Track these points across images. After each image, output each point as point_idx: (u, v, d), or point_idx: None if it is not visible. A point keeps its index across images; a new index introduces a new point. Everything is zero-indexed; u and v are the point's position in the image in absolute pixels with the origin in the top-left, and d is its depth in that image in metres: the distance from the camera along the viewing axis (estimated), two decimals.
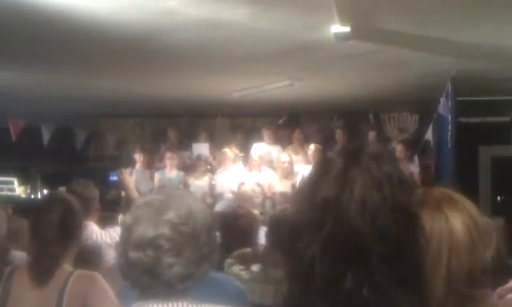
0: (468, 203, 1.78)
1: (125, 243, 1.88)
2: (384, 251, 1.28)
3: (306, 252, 1.31)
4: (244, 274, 3.63)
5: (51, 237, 2.92)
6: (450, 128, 8.84)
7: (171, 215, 1.86)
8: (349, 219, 1.29)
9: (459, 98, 8.97)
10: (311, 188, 1.38)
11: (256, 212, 7.76)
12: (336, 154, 1.41)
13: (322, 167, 1.40)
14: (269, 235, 3.75)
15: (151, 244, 1.83)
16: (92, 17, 6.51)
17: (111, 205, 9.01)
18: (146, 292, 1.87)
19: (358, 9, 6.34)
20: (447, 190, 1.84)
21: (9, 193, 12.08)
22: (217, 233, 1.99)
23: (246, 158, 11.39)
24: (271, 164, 11.20)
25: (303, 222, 1.35)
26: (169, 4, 6.15)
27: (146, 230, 1.84)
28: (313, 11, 6.32)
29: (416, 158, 10.15)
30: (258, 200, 10.40)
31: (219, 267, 2.43)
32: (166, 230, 1.83)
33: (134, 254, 1.84)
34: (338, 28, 6.67)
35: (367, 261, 1.28)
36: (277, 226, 3.68)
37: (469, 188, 2.04)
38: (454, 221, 1.72)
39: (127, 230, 1.89)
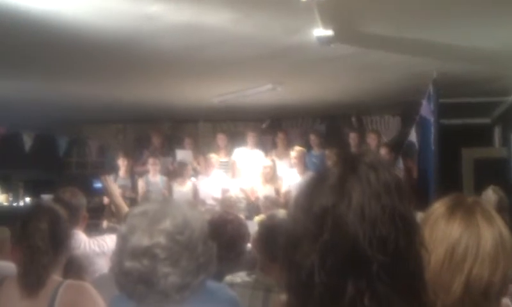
0: (500, 219, 1.85)
1: (121, 252, 1.86)
2: (384, 260, 1.27)
3: (305, 262, 1.30)
4: (235, 279, 3.62)
5: (41, 247, 2.89)
6: (432, 130, 8.89)
7: (166, 224, 1.84)
8: (347, 227, 1.28)
9: (441, 100, 9.03)
10: (308, 198, 1.36)
11: (241, 217, 7.75)
12: (334, 163, 1.40)
13: (319, 176, 1.39)
14: (259, 241, 3.72)
15: (146, 253, 1.81)
16: (73, 23, 6.47)
17: (94, 212, 8.96)
18: (142, 302, 1.84)
19: (340, 12, 6.36)
20: (481, 201, 1.91)
21: None
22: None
23: (228, 163, 11.37)
24: (253, 168, 11.19)
25: (300, 232, 1.33)
26: (151, 9, 6.13)
27: (141, 239, 1.82)
28: (296, 15, 6.32)
29: (400, 160, 10.19)
30: (242, 205, 10.41)
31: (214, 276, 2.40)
32: (161, 239, 1.82)
33: (129, 264, 1.82)
34: (321, 31, 6.68)
35: (367, 270, 1.27)
36: (267, 232, 3.66)
37: (452, 189, 2.08)
38: (485, 233, 1.78)
39: (123, 239, 1.87)
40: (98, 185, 10.37)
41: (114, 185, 5.23)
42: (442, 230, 1.81)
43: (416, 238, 1.34)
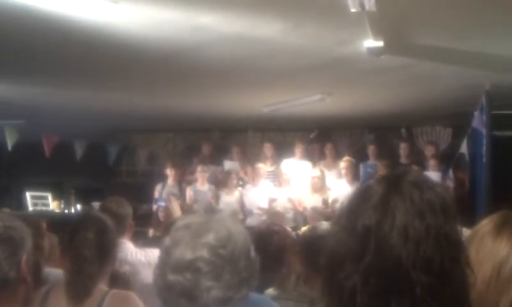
0: None
1: (164, 265, 1.86)
2: (428, 281, 1.23)
3: (347, 282, 1.27)
4: (279, 291, 3.60)
5: (88, 257, 2.92)
6: (484, 142, 8.73)
7: (210, 237, 1.84)
8: (391, 248, 1.25)
9: (494, 112, 8.85)
10: (350, 217, 1.33)
11: (288, 228, 7.71)
12: (377, 181, 1.37)
13: (362, 195, 1.35)
14: (302, 254, 3.69)
15: (189, 266, 1.81)
16: (125, 35, 6.57)
17: (142, 220, 9.05)
18: None
19: (391, 23, 6.30)
20: None
21: (44, 208, 12.20)
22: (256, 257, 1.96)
23: (276, 172, 11.35)
24: (300, 179, 11.17)
25: (343, 252, 1.30)
26: (202, 20, 6.18)
27: (184, 253, 1.82)
28: (346, 26, 6.29)
29: (450, 172, 10.02)
30: (289, 215, 10.37)
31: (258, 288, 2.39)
32: (204, 253, 1.81)
33: (172, 277, 1.82)
34: (371, 43, 6.63)
35: (411, 292, 1.23)
36: (308, 243, 3.63)
37: (505, 202, 2.02)
38: None
39: (166, 252, 1.88)
40: (162, 203, 10.50)
41: (178, 207, 5.25)
42: (489, 248, 1.76)
43: (462, 258, 1.30)
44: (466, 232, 1.73)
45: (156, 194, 11.12)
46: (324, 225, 3.75)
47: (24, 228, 2.01)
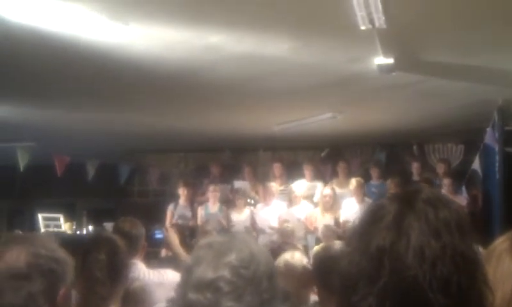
0: None
1: (185, 284, 1.84)
2: (446, 302, 1.20)
3: (362, 304, 1.25)
4: None
5: (100, 278, 2.91)
6: (497, 158, 8.68)
7: (231, 257, 1.81)
8: (406, 268, 1.22)
9: (507, 128, 8.80)
10: (363, 237, 1.30)
11: (299, 246, 7.69)
12: (389, 200, 1.34)
13: (374, 214, 1.33)
14: (315, 274, 3.65)
15: (210, 286, 1.78)
16: (136, 56, 6.60)
17: (154, 240, 8.99)
18: None
19: (401, 40, 6.29)
20: None
21: (56, 229, 12.20)
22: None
23: (285, 192, 11.33)
24: (311, 199, 11.16)
25: (356, 274, 1.28)
26: (212, 40, 6.20)
27: (206, 272, 1.80)
28: (356, 44, 6.29)
29: (464, 189, 9.97)
30: (300, 234, 10.33)
31: None
32: (226, 273, 1.79)
33: (193, 296, 1.79)
34: (382, 60, 6.62)
35: None
36: (321, 264, 3.59)
37: None
38: None
39: (187, 271, 1.85)
40: (159, 236, 10.44)
41: (175, 235, 5.27)
42: (508, 266, 1.73)
43: (479, 276, 1.27)
44: (480, 251, 1.70)
45: (168, 214, 11.15)
46: (337, 245, 3.71)
47: (67, 260, 1.98)
